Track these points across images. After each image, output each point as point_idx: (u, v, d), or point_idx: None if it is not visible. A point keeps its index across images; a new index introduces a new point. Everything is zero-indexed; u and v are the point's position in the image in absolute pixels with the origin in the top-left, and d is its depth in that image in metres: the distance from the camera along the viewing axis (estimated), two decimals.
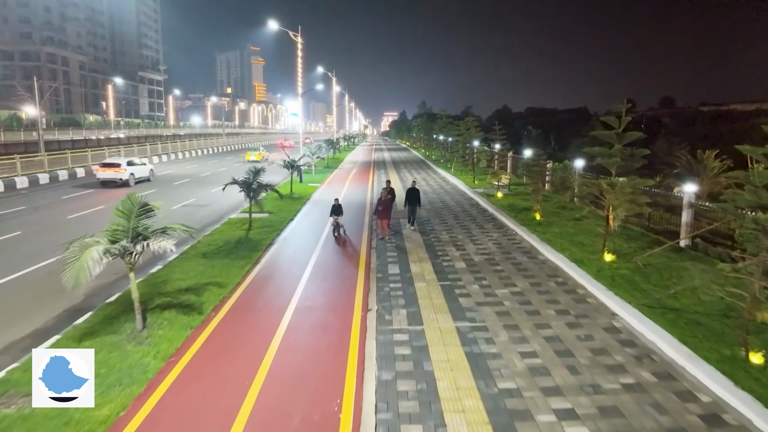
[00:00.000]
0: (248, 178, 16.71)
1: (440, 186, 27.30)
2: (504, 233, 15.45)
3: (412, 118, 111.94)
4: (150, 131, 69.51)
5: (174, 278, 11.39)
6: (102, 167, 28.19)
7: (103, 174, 27.91)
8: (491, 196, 21.94)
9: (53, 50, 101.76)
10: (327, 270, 12.13)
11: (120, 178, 27.76)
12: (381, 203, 14.55)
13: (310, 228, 16.91)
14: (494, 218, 17.81)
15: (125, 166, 28.37)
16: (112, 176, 27.91)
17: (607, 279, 10.55)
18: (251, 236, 15.53)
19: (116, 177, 27.90)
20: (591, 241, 13.74)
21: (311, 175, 32.69)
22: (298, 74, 31.11)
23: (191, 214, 19.85)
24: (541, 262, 12.18)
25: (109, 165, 28.42)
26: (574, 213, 17.96)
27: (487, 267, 11.85)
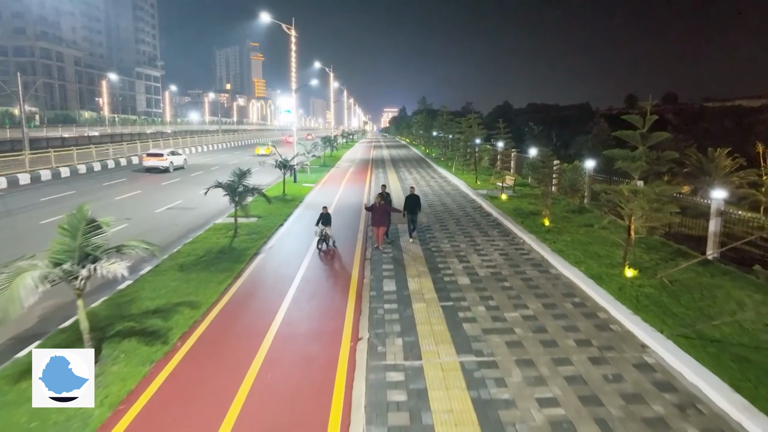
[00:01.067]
0: (233, 181, 15.45)
1: (441, 187, 26.01)
2: (511, 242, 14.19)
3: (411, 115, 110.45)
4: (143, 128, 68.02)
5: (143, 296, 10.15)
6: (147, 156, 32.62)
7: (148, 162, 32.15)
8: (495, 199, 20.68)
9: (47, 45, 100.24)
10: (315, 286, 10.87)
11: (163, 166, 31.67)
12: (376, 210, 13.28)
13: (300, 235, 15.65)
14: (499, 224, 16.54)
15: (167, 156, 32.53)
16: (155, 164, 31.95)
17: (631, 300, 9.29)
18: (236, 244, 14.29)
19: (159, 165, 31.89)
20: (607, 252, 12.49)
21: (306, 175, 31.41)
22: (292, 69, 29.83)
23: (176, 218, 18.61)
24: (554, 278, 10.93)
25: (154, 155, 32.57)
26: (586, 218, 16.70)
27: (494, 283, 10.60)
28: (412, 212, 14.21)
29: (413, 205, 14.18)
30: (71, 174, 30.30)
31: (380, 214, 13.26)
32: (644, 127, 10.32)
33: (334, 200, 22.12)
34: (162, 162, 31.92)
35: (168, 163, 32.15)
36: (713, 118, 70.07)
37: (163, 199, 22.20)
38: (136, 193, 24.22)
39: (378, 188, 23.14)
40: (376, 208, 13.33)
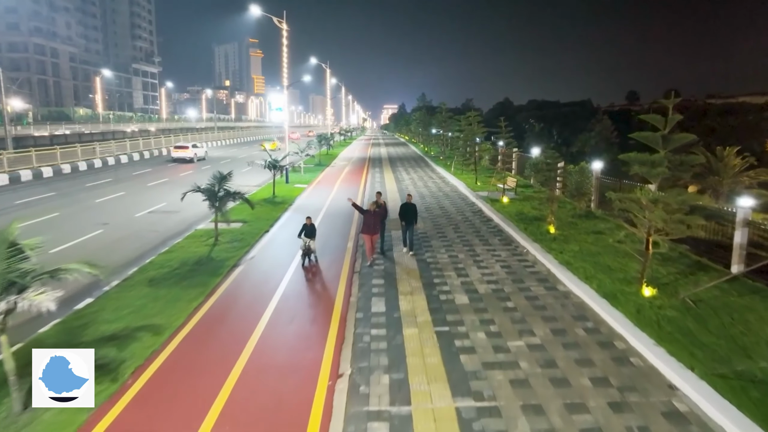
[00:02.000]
0: (212, 185, 14.30)
1: (439, 188, 24.85)
2: (513, 252, 13.05)
3: (411, 112, 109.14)
4: (134, 125, 66.67)
5: (101, 318, 9.02)
6: (175, 149, 38.16)
7: (176, 154, 37.64)
8: (496, 202, 19.52)
9: (42, 41, 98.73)
10: (295, 306, 9.74)
11: (188, 157, 36.74)
12: (369, 215, 12.02)
13: (286, 243, 14.50)
14: (501, 230, 15.39)
15: (191, 149, 38.00)
16: (182, 155, 37.34)
17: (652, 326, 8.16)
18: (215, 254, 13.16)
19: (185, 156, 37.22)
20: (620, 265, 11.35)
21: (299, 175, 30.23)
22: (284, 64, 28.58)
23: (156, 222, 17.46)
24: (562, 296, 9.79)
25: (181, 147, 38.05)
26: (593, 224, 15.55)
27: (496, 303, 9.47)
28: (408, 221, 12.81)
29: (410, 215, 12.79)
30: (54, 174, 29.10)
31: (373, 220, 11.99)
32: (666, 128, 9.15)
33: (325, 203, 20.98)
34: (187, 153, 37.38)
35: (192, 154, 37.59)
36: (717, 115, 68.76)
37: (146, 202, 21.04)
38: (120, 194, 23.06)
39: (373, 193, 22.02)
40: (370, 214, 12.03)
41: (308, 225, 12.00)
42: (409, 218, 12.77)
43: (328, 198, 22.32)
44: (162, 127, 74.43)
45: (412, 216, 12.78)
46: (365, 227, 12.03)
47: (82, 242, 14.66)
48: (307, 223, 12.03)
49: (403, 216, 12.85)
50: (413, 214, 12.82)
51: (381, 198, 13.09)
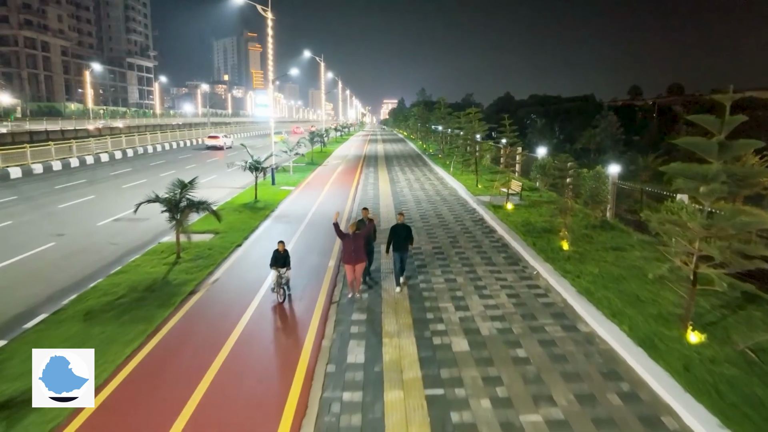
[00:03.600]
0: (173, 195, 12.38)
1: (436, 191, 22.88)
2: (521, 274, 11.13)
3: (409, 107, 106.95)
4: (128, 121, 64.40)
5: (5, 372, 7.14)
6: (209, 138, 48.06)
7: (209, 142, 47.12)
8: (499, 209, 17.58)
9: (32, 35, 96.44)
10: (252, 354, 7.82)
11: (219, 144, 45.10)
12: (349, 241, 9.53)
13: (258, 261, 12.57)
14: (506, 245, 13.47)
15: (222, 138, 47.54)
16: (215, 143, 46.59)
17: (709, 391, 6.25)
18: (172, 276, 11.26)
19: (217, 144, 46.38)
20: (650, 294, 9.44)
21: (288, 175, 28.26)
22: (269, 56, 26.49)
23: (119, 233, 15.54)
24: (585, 340, 7.88)
25: (213, 137, 47.99)
26: (611, 237, 13.63)
27: (502, 350, 7.57)
28: (400, 249, 10.09)
29: (402, 239, 10.07)
30: (23, 175, 27.00)
31: (355, 246, 9.47)
32: (721, 131, 7.21)
33: (310, 209, 19.04)
34: (218, 141, 46.67)
35: (222, 142, 46.62)
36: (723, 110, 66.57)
37: (114, 207, 19.07)
38: (88, 198, 21.14)
39: (365, 197, 20.09)
40: (350, 239, 9.54)
41: (280, 252, 9.61)
42: (401, 245, 10.05)
43: (315, 203, 20.38)
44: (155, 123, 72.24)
45: (404, 241, 10.08)
46: (346, 255, 9.56)
47: (23, 259, 12.77)
48: (279, 250, 9.62)
49: (393, 241, 10.08)
50: (406, 237, 10.11)
51: (369, 214, 10.71)
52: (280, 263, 9.55)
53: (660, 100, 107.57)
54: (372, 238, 10.86)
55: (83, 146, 35.08)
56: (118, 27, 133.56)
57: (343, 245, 9.70)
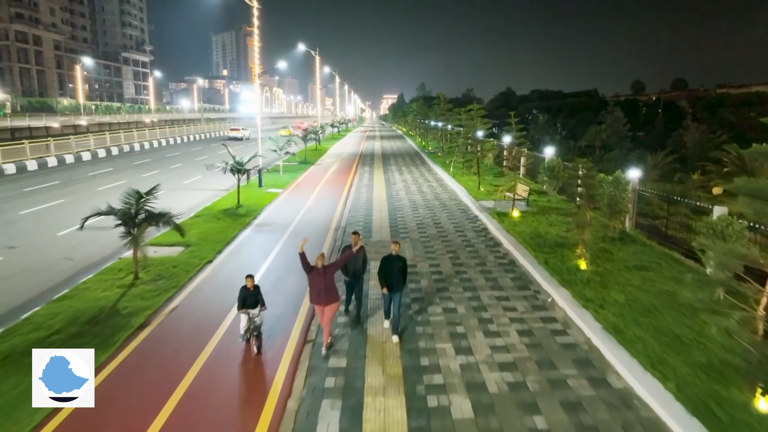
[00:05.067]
0: (128, 206, 10.70)
1: (435, 195, 21.16)
2: (534, 302, 9.46)
3: (409, 102, 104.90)
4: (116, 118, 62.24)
5: None
6: (231, 130, 57.13)
7: (231, 134, 54.94)
8: (504, 216, 15.89)
9: (23, 28, 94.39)
10: (198, 420, 6.15)
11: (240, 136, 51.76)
12: (317, 276, 7.44)
13: (229, 282, 10.90)
14: (513, 263, 11.79)
15: (242, 131, 55.58)
16: (235, 135, 53.97)
17: None
18: (124, 303, 9.61)
19: (238, 135, 53.83)
20: (691, 331, 7.79)
21: (278, 176, 26.53)
22: (256, 48, 24.68)
23: (80, 245, 13.86)
24: (621, 402, 6.22)
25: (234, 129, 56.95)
26: (633, 252, 11.96)
27: (517, 417, 5.91)
28: (392, 287, 7.98)
29: (396, 275, 7.99)
30: None
31: (324, 282, 7.44)
32: None
33: (296, 216, 17.36)
34: (239, 134, 54.45)
35: (242, 134, 54.28)
36: (734, 106, 64.70)
37: (83, 213, 17.11)
38: (56, 203, 19.45)
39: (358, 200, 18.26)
40: (317, 273, 7.48)
41: (249, 289, 7.56)
42: (394, 283, 8.00)
43: (303, 208, 18.69)
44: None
45: (398, 277, 8.02)
46: (313, 293, 7.53)
47: None
48: (247, 287, 7.56)
49: (385, 276, 8.03)
50: (400, 273, 8.03)
51: (359, 239, 8.46)
52: (250, 303, 7.52)
53: (664, 95, 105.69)
54: (360, 271, 8.62)
55: (63, 144, 33.26)
56: (113, 21, 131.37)
57: (310, 281, 7.56)
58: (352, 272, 8.54)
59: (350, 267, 8.48)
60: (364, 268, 8.74)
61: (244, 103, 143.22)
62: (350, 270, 8.52)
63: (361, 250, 8.30)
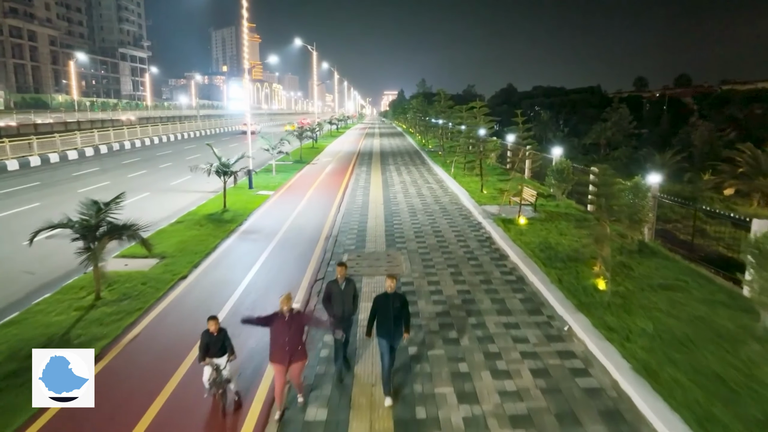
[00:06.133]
0: (87, 219, 9.48)
1: (435, 198, 19.89)
2: (547, 330, 8.22)
3: (409, 98, 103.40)
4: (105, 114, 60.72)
5: None
6: (243, 125, 57.70)
7: (243, 128, 56.79)
8: (510, 223, 14.65)
9: (18, 23, 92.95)
10: None
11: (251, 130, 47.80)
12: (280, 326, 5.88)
13: (202, 303, 9.68)
14: (522, 280, 10.55)
15: (255, 125, 54.72)
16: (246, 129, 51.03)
17: None
18: (78, 331, 8.42)
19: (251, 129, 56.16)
20: (737, 372, 6.56)
21: (270, 176, 25.29)
22: (244, 43, 23.37)
23: (47, 255, 12.63)
24: None
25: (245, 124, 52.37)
26: (654, 267, 10.72)
27: None
28: (389, 334, 6.28)
29: (393, 318, 6.27)
30: None
31: (291, 334, 5.84)
32: None
33: (287, 220, 16.14)
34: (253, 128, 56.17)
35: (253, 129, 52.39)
36: (741, 103, 63.12)
37: (59, 218, 16.13)
38: (31, 207, 18.23)
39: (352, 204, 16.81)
40: (282, 322, 5.87)
41: (213, 333, 6.01)
42: (391, 328, 6.27)
43: (293, 212, 17.44)
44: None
45: (397, 321, 6.30)
46: (275, 348, 5.88)
47: None
48: (210, 331, 6.01)
49: (379, 321, 6.34)
50: (400, 316, 6.32)
51: (345, 271, 6.82)
52: (215, 350, 6.02)
53: (668, 91, 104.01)
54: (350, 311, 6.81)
55: (47, 142, 31.95)
56: (110, 16, 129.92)
57: (272, 333, 5.91)
58: (339, 314, 6.68)
59: (336, 308, 6.69)
60: (355, 306, 6.87)
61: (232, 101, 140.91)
62: (336, 313, 6.69)
63: (350, 285, 6.77)
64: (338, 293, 6.69)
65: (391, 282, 6.34)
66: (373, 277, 10.72)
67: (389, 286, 6.33)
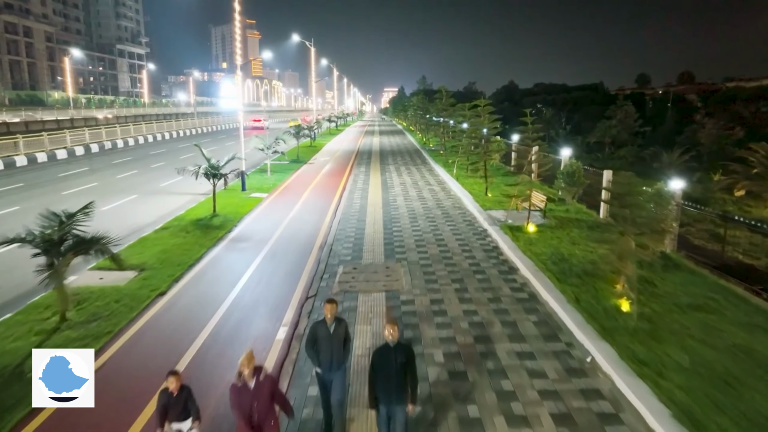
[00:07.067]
0: (50, 231, 8.50)
1: (437, 202, 18.87)
2: (567, 362, 7.22)
3: (409, 95, 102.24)
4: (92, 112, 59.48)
5: None
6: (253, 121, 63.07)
7: (253, 124, 60.63)
8: (518, 231, 13.65)
9: (13, 19, 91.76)
10: None
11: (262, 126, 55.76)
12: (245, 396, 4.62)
13: (181, 324, 8.70)
14: (534, 298, 9.55)
15: (263, 121, 61.54)
16: (257, 125, 59.35)
17: None
18: (30, 363, 7.34)
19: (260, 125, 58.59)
20: None
21: (264, 177, 24.27)
22: (236, 38, 22.39)
23: (12, 269, 11.61)
24: None
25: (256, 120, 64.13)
26: (681, 283, 9.73)
27: None
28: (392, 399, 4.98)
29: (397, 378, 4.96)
30: None
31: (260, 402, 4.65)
32: None
33: (280, 226, 15.15)
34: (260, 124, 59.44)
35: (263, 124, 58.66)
36: (746, 100, 61.94)
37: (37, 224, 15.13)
38: (9, 210, 17.23)
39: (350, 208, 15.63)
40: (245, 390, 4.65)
41: (173, 393, 4.85)
42: (396, 390, 4.97)
43: (287, 217, 16.45)
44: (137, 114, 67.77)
45: (401, 382, 4.99)
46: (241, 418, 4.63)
47: None
48: (169, 390, 4.85)
49: (380, 382, 5.01)
50: (403, 375, 5.00)
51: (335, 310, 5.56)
52: (176, 413, 4.90)
53: (672, 88, 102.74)
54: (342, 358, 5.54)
55: (34, 141, 30.90)
56: (107, 12, 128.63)
57: (233, 401, 4.68)
58: (327, 363, 5.46)
59: (323, 355, 5.44)
60: (347, 353, 5.62)
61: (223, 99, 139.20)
62: (323, 361, 5.46)
63: (341, 326, 5.55)
64: (326, 337, 5.41)
65: (392, 330, 4.96)
66: (370, 294, 9.73)
67: (390, 334, 4.95)
